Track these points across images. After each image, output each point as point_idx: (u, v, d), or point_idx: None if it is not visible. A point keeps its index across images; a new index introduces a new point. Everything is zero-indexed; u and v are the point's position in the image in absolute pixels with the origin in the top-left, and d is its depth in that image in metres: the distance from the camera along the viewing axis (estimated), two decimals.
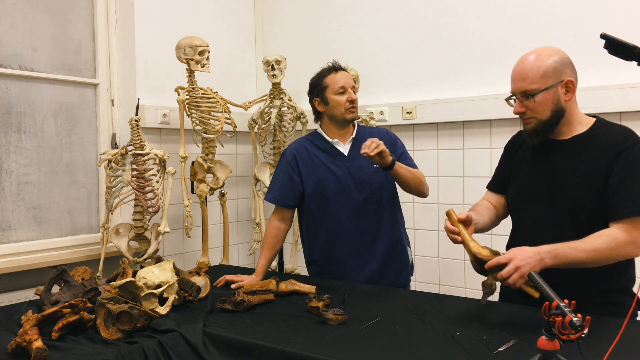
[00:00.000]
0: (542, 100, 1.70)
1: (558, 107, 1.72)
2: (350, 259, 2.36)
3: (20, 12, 2.76)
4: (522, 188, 1.88)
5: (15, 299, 2.51)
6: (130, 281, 1.85)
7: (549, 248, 1.59)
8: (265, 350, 1.55)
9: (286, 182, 2.40)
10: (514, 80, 1.75)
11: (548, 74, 1.69)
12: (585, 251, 1.59)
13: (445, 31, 3.13)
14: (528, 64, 1.71)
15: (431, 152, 3.20)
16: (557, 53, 1.73)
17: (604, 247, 1.60)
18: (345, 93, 2.34)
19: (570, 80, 1.72)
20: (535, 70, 1.70)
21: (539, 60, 1.70)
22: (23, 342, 1.50)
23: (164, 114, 3.17)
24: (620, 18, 2.62)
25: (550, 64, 1.70)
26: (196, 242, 3.29)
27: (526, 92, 1.71)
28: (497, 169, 2.06)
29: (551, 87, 1.70)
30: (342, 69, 2.40)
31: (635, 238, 1.62)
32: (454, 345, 1.51)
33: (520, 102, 1.74)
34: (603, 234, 1.63)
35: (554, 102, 1.71)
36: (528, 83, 1.70)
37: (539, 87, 1.69)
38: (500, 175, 2.03)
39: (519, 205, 1.90)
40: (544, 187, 1.80)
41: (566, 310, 1.23)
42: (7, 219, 2.71)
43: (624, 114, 2.63)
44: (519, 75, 1.73)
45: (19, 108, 2.76)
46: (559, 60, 1.71)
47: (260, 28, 3.88)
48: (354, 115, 2.37)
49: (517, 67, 1.75)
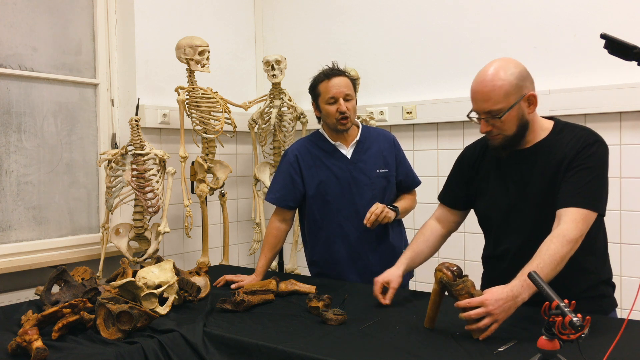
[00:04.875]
0: (508, 118, 1.69)
1: (523, 121, 1.72)
2: (351, 262, 2.36)
3: (20, 12, 2.76)
4: (495, 203, 1.86)
5: (15, 299, 2.51)
6: (130, 281, 1.85)
7: (519, 283, 1.55)
8: (265, 350, 1.55)
9: (287, 183, 2.39)
10: (477, 101, 1.72)
11: (511, 92, 1.67)
12: (549, 263, 1.56)
13: (445, 31, 3.13)
14: (488, 84, 1.68)
15: (431, 152, 3.20)
16: (516, 67, 1.70)
17: (560, 250, 1.58)
18: (335, 103, 2.26)
19: (532, 95, 1.71)
20: (498, 90, 1.67)
21: (499, 78, 1.67)
22: (23, 342, 1.50)
23: (164, 114, 3.17)
24: (620, 18, 2.62)
25: (512, 81, 1.67)
26: (196, 242, 3.29)
27: (492, 113, 1.70)
28: (450, 183, 2.03)
29: (515, 105, 1.68)
30: (336, 75, 2.28)
31: (582, 230, 1.62)
32: (454, 345, 1.51)
33: (486, 121, 1.73)
34: (552, 238, 1.61)
35: (519, 117, 1.71)
36: (492, 104, 1.68)
37: (505, 106, 1.68)
38: (456, 190, 2.01)
39: (495, 220, 1.89)
40: (517, 199, 1.80)
41: (566, 310, 1.23)
42: (7, 219, 2.71)
43: (624, 114, 2.63)
44: (482, 97, 1.70)
45: (19, 108, 2.76)
46: (518, 75, 1.69)
47: (260, 28, 3.88)
48: (345, 127, 2.29)
49: (477, 88, 1.71)
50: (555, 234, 1.62)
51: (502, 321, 1.52)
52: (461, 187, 1.99)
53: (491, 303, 1.51)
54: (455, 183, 2.02)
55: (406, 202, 2.43)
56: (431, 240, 2.02)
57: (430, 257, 2.06)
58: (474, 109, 1.75)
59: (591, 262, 1.77)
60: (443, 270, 1.60)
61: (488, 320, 1.51)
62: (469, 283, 1.58)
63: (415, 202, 2.50)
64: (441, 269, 1.60)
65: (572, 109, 2.71)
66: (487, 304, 1.51)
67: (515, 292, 1.53)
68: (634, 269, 2.61)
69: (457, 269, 1.61)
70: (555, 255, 1.57)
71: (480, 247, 2.01)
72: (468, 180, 1.96)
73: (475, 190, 1.94)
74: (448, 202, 2.04)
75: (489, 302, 1.51)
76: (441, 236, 2.04)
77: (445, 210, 2.04)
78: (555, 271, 1.58)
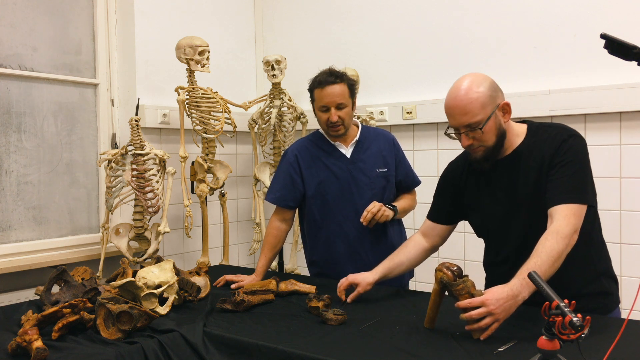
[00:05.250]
0: (487, 128, 1.73)
1: (501, 130, 1.76)
2: (351, 262, 2.35)
3: (20, 12, 2.76)
4: (489, 214, 1.89)
5: (15, 299, 2.51)
6: (130, 281, 1.85)
7: (519, 282, 1.55)
8: (265, 350, 1.55)
9: (287, 183, 2.39)
10: (454, 116, 1.75)
11: (486, 103, 1.71)
12: (546, 261, 1.58)
13: (445, 31, 3.13)
14: (464, 98, 1.72)
15: (431, 152, 3.20)
16: (485, 79, 1.75)
17: (556, 246, 1.60)
18: (327, 112, 2.26)
19: (505, 103, 1.76)
20: (474, 102, 1.71)
21: (473, 92, 1.71)
22: (23, 342, 1.50)
23: (164, 114, 3.17)
24: (620, 18, 2.62)
25: (485, 92, 1.71)
26: (196, 242, 3.29)
27: (471, 125, 1.73)
28: (437, 200, 2.06)
29: (492, 115, 1.72)
30: (330, 84, 2.23)
31: (575, 225, 1.65)
32: (454, 345, 1.51)
33: (466, 135, 1.76)
34: (547, 235, 1.63)
35: (497, 127, 1.75)
36: (471, 116, 1.71)
37: (483, 117, 1.71)
38: (441, 205, 2.04)
39: (492, 230, 1.92)
40: (509, 206, 1.82)
41: (566, 310, 1.23)
42: (7, 219, 2.71)
43: (624, 114, 2.63)
44: (459, 111, 1.73)
45: (19, 108, 2.76)
46: (489, 86, 1.73)
47: (260, 28, 3.88)
48: (337, 133, 2.29)
49: (452, 103, 1.75)
50: (550, 231, 1.64)
51: (502, 321, 1.53)
52: (446, 202, 2.02)
53: (492, 303, 1.51)
54: (441, 199, 2.05)
55: (406, 201, 2.43)
56: (412, 253, 2.05)
57: (409, 270, 2.11)
58: (452, 125, 1.78)
59: (588, 253, 1.78)
60: (443, 270, 1.60)
61: (489, 320, 1.51)
62: (469, 283, 1.58)
63: (415, 202, 2.50)
64: (441, 269, 1.60)
65: (572, 109, 2.71)
66: (488, 304, 1.51)
67: (515, 291, 1.54)
68: (634, 269, 2.61)
69: (457, 269, 1.61)
70: (552, 252, 1.59)
71: (480, 247, 2.01)
72: (454, 195, 1.99)
73: (465, 204, 1.96)
74: (433, 217, 2.07)
75: (490, 301, 1.51)
76: (424, 250, 2.06)
77: (431, 224, 2.07)
78: (553, 268, 1.59)
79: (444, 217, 2.05)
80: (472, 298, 1.54)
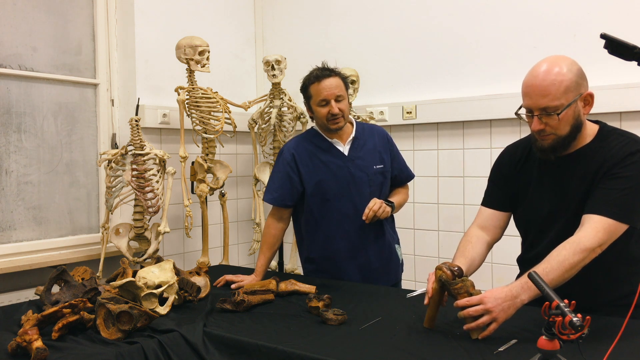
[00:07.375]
0: (564, 116, 1.60)
1: (578, 122, 1.64)
2: (349, 259, 2.36)
3: (20, 12, 2.76)
4: (533, 209, 1.80)
5: (15, 299, 2.51)
6: (130, 281, 1.85)
7: (519, 284, 1.53)
8: (265, 350, 1.55)
9: (285, 182, 2.38)
10: (532, 96, 1.61)
11: (570, 89, 1.59)
12: (555, 269, 1.53)
13: (445, 31, 3.12)
14: (547, 78, 1.58)
15: (431, 152, 3.20)
16: (574, 64, 1.62)
17: (570, 258, 1.53)
18: (327, 105, 2.25)
19: (589, 94, 1.64)
20: (558, 85, 1.58)
21: (560, 73, 1.58)
22: (23, 342, 1.50)
23: (164, 114, 3.17)
24: (620, 18, 2.62)
25: (571, 77, 1.59)
26: (196, 242, 3.29)
27: (548, 109, 1.60)
28: (492, 186, 1.95)
29: (573, 102, 1.59)
30: (327, 76, 2.26)
31: (601, 240, 1.56)
32: (454, 345, 1.51)
33: (539, 119, 1.62)
34: (565, 244, 1.57)
35: (575, 117, 1.62)
36: (550, 99, 1.58)
37: (563, 103, 1.58)
38: (498, 193, 1.92)
39: (535, 225, 1.83)
40: (555, 206, 1.74)
41: (566, 310, 1.23)
42: (7, 219, 2.71)
43: (624, 114, 2.63)
44: (539, 91, 1.59)
45: (19, 108, 2.76)
46: (577, 72, 1.61)
47: (260, 28, 3.88)
48: (337, 125, 2.29)
49: (534, 82, 1.61)
50: (570, 241, 1.57)
51: (500, 322, 1.52)
52: (503, 188, 1.90)
53: (490, 301, 1.51)
54: (497, 184, 1.92)
55: (401, 196, 2.46)
56: (479, 249, 1.86)
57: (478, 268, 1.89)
58: (527, 105, 1.64)
59: (622, 271, 1.69)
60: (443, 269, 1.60)
61: (487, 319, 1.50)
62: (468, 283, 1.58)
63: (407, 196, 2.53)
64: (441, 267, 1.60)
65: None
66: (486, 302, 1.51)
67: (515, 293, 1.53)
68: None
69: (457, 269, 1.61)
70: (564, 262, 1.53)
71: None
72: (509, 180, 1.87)
73: (516, 194, 1.86)
74: (493, 204, 1.91)
75: (488, 299, 1.51)
76: (487, 244, 1.89)
77: (489, 214, 1.92)
78: (562, 278, 1.53)
79: (503, 203, 1.90)
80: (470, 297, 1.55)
